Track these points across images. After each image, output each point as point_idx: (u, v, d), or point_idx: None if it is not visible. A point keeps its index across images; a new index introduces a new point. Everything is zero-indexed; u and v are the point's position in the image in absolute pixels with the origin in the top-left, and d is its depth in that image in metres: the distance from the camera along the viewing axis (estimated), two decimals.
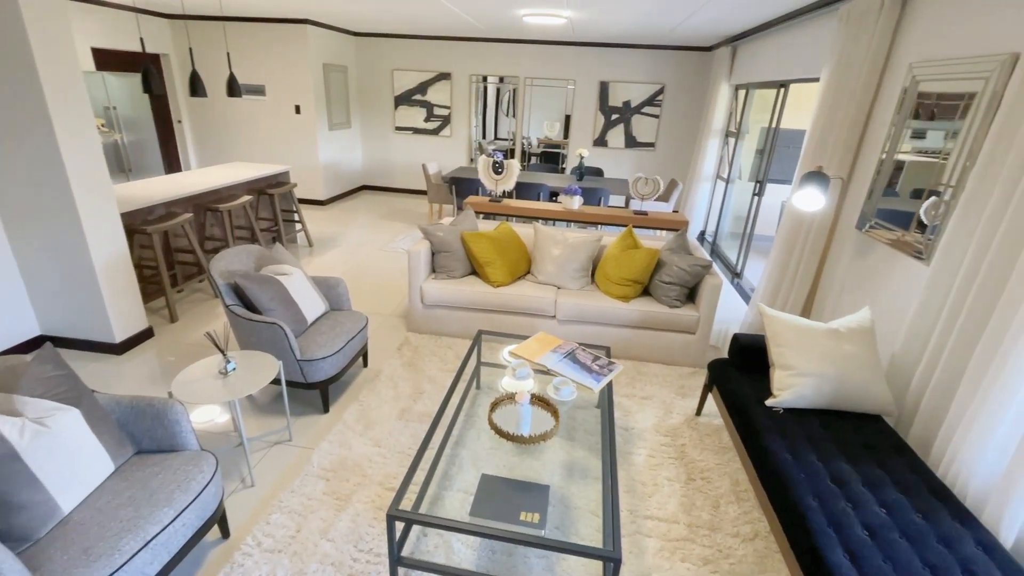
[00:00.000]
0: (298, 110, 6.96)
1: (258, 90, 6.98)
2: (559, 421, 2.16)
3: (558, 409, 2.23)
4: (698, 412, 2.91)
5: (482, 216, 5.32)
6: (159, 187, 4.12)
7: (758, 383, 2.42)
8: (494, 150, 7.43)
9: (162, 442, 1.85)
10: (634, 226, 4.49)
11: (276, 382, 2.87)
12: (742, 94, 5.73)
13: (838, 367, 2.17)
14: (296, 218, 5.44)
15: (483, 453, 2.39)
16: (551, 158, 8.35)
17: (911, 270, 2.39)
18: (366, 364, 3.24)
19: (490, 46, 7.48)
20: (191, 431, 1.88)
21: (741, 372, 2.53)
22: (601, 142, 7.63)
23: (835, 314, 2.99)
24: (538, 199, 5.60)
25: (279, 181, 5.35)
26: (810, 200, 2.67)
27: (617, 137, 7.56)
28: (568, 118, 7.70)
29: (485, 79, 7.83)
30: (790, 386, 2.20)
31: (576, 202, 4.70)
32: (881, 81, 2.78)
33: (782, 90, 4.37)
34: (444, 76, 7.71)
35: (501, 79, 7.77)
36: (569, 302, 3.38)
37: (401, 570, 1.87)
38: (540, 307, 3.43)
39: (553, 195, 5.85)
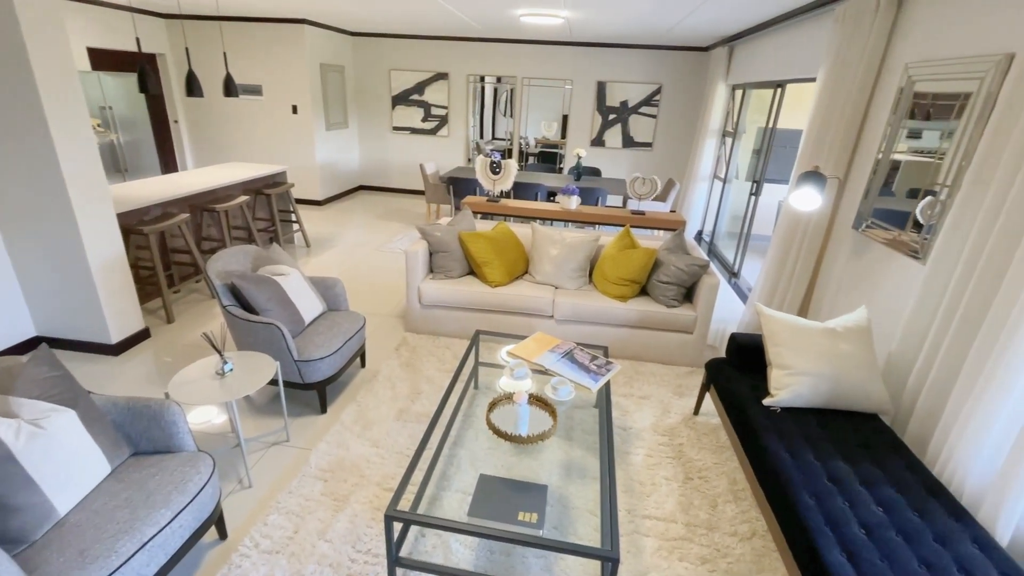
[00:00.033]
0: (295, 110, 6.94)
1: (255, 90, 6.96)
2: (557, 421, 2.16)
3: (556, 409, 2.23)
4: (696, 411, 2.92)
5: (480, 216, 5.31)
6: (155, 187, 4.11)
7: (755, 382, 2.42)
8: (492, 150, 7.42)
9: (159, 443, 1.84)
10: (631, 226, 4.49)
11: (273, 383, 2.86)
12: (739, 94, 5.74)
13: (835, 366, 2.18)
14: (293, 218, 5.44)
15: (481, 453, 2.38)
16: (549, 158, 8.37)
17: (907, 269, 2.40)
18: (364, 364, 3.23)
19: (487, 46, 7.47)
20: (188, 432, 1.87)
21: (738, 371, 2.54)
22: (598, 142, 7.63)
23: (832, 313, 3.00)
24: (536, 199, 5.60)
25: (276, 181, 5.34)
26: (807, 200, 2.68)
27: (614, 137, 7.57)
28: (566, 118, 7.70)
29: (482, 79, 7.83)
30: (787, 385, 2.21)
31: (574, 202, 4.70)
32: (877, 81, 2.79)
33: (779, 90, 4.38)
34: (441, 76, 7.70)
35: (498, 79, 7.77)
36: (567, 302, 3.38)
37: (399, 570, 1.87)
38: (538, 307, 3.43)
39: (551, 195, 5.85)
